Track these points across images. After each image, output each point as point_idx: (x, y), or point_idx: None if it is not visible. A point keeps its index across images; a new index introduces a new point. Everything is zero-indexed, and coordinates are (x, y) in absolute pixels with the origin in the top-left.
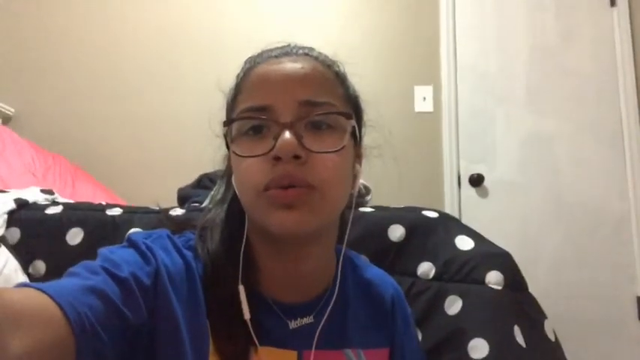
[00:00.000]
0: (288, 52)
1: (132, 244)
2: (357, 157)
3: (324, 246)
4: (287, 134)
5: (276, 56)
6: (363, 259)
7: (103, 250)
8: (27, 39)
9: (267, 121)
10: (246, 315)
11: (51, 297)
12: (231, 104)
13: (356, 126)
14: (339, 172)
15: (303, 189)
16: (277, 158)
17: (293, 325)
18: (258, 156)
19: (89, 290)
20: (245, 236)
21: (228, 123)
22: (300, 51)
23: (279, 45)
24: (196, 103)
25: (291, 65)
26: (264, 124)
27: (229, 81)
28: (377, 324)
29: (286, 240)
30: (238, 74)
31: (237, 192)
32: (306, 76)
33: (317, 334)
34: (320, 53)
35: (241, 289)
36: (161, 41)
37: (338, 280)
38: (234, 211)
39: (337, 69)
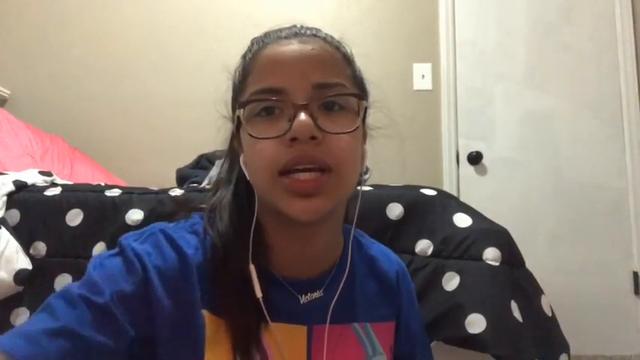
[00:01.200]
0: (296, 32)
1: (120, 250)
2: (364, 137)
3: (333, 223)
4: (303, 115)
5: (285, 37)
6: (367, 237)
7: (92, 264)
8: (22, 21)
9: (281, 102)
10: (258, 294)
11: (9, 354)
12: (240, 86)
13: (367, 106)
14: (352, 152)
15: (321, 176)
16: (294, 139)
17: (304, 299)
18: (274, 138)
19: (56, 333)
20: (255, 216)
21: (241, 105)
22: (308, 32)
23: (286, 26)
24: (194, 84)
25: (301, 46)
26: (277, 106)
27: (228, 60)
28: (383, 298)
29: (301, 222)
30: (245, 54)
31: (247, 173)
32: (317, 57)
33: (330, 308)
34: (327, 34)
35: (252, 268)
36: (158, 22)
37: (349, 255)
38: (242, 191)
39: (344, 50)
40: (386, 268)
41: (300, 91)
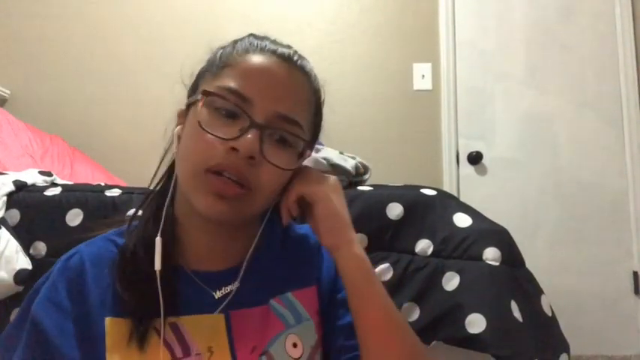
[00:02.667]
0: (290, 56)
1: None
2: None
3: (250, 224)
4: (253, 134)
5: (279, 54)
6: (300, 225)
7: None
8: (22, 21)
9: (243, 112)
10: (157, 266)
11: None
12: (217, 70)
13: (309, 152)
14: (278, 184)
15: (240, 190)
16: (234, 149)
17: (218, 294)
18: (219, 137)
19: None
20: (172, 208)
21: (206, 94)
22: (300, 61)
23: (285, 43)
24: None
25: (287, 73)
26: (237, 112)
27: None
28: (302, 263)
29: (211, 221)
30: (237, 42)
31: (175, 147)
32: (293, 91)
33: (229, 298)
34: (314, 73)
35: (158, 240)
36: (158, 22)
37: (253, 246)
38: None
39: (319, 95)
40: (306, 236)
41: (264, 112)
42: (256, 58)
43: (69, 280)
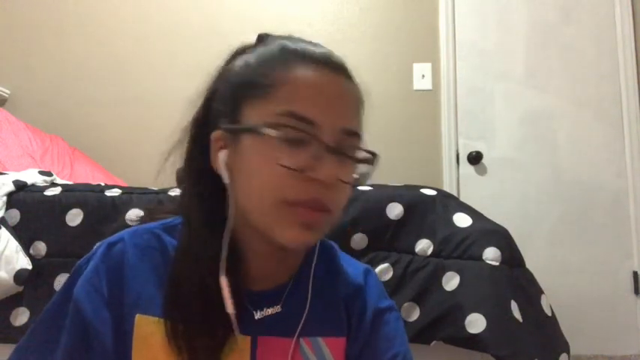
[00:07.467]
0: (327, 58)
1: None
2: None
3: None
4: (333, 160)
5: (321, 60)
6: (337, 248)
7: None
8: (22, 21)
9: (313, 138)
10: (230, 310)
11: None
12: (263, 92)
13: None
14: (347, 198)
15: (325, 214)
16: (315, 179)
17: (258, 315)
18: (293, 169)
19: None
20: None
21: (272, 126)
22: (338, 61)
23: (313, 42)
24: (194, 84)
25: (341, 84)
26: (307, 139)
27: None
28: (334, 312)
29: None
30: (272, 53)
31: (227, 176)
32: (352, 101)
33: (300, 325)
34: (350, 71)
35: (224, 281)
36: (157, 22)
37: (312, 271)
38: (211, 194)
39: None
40: (344, 281)
41: (331, 132)
42: (309, 74)
43: (109, 268)
